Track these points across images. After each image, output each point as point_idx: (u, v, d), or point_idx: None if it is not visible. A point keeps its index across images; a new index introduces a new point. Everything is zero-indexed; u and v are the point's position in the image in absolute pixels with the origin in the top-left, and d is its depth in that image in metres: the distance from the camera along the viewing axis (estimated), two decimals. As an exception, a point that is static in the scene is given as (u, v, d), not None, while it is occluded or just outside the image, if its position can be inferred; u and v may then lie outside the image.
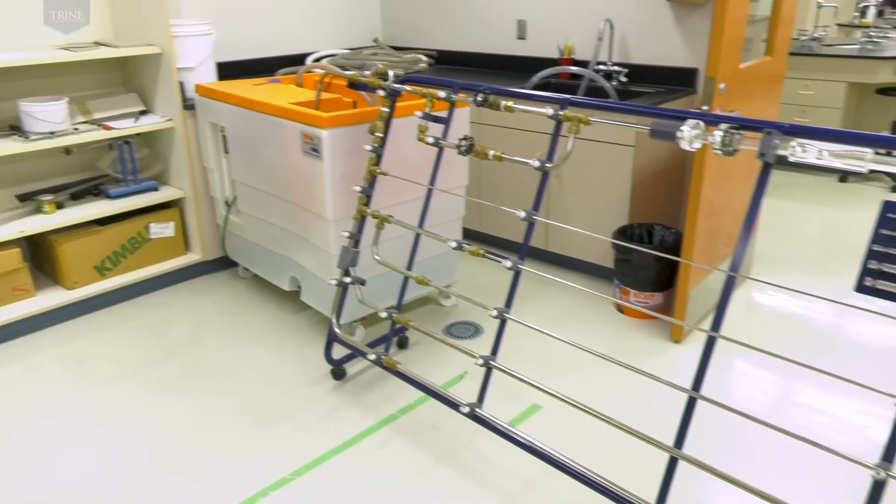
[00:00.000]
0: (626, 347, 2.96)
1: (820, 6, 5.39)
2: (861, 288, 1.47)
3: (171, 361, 2.88)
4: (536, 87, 3.59)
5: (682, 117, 1.72)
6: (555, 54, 3.92)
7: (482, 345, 2.96)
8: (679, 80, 3.45)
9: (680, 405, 2.49)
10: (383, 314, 2.41)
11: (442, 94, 2.30)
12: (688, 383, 1.79)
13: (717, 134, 1.64)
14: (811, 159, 1.52)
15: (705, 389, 2.61)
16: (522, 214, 2.05)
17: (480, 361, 2.12)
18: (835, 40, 5.60)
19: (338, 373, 2.73)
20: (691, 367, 2.78)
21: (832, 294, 3.41)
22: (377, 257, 2.49)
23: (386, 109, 2.46)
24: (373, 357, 2.45)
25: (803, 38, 5.41)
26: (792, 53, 5.07)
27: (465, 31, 4.35)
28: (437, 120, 2.35)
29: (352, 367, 2.80)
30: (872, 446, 2.31)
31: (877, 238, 1.44)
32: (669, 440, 1.81)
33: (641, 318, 3.20)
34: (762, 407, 2.54)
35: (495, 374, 2.10)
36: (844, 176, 5.13)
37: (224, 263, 3.73)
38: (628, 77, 3.64)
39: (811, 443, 1.47)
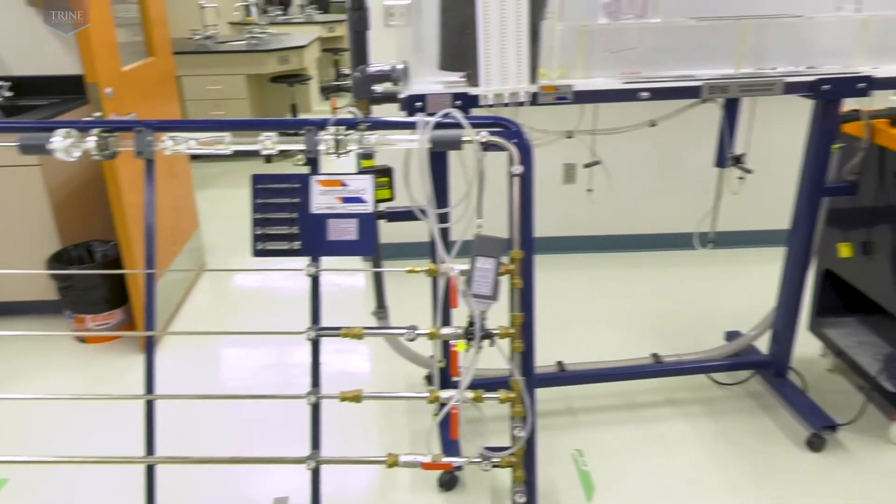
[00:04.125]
0: (97, 376, 2.76)
1: (202, 7, 5.79)
2: (257, 253, 1.68)
3: None
4: None
5: (50, 128, 1.64)
6: None
7: None
8: (71, 89, 3.26)
9: (169, 411, 2.47)
10: None
11: None
12: (162, 388, 1.77)
13: (91, 140, 1.63)
14: (184, 150, 1.65)
15: (192, 385, 2.66)
16: None
17: None
18: (228, 37, 6.12)
19: None
20: (169, 370, 2.78)
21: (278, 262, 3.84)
22: None
23: None
24: None
25: (197, 37, 5.75)
26: (190, 52, 5.34)
27: None
28: None
29: None
30: (333, 378, 2.73)
31: (255, 207, 1.67)
32: (163, 450, 1.77)
33: (107, 340, 3.02)
34: (242, 382, 2.72)
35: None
36: (268, 157, 5.75)
37: None
38: (14, 91, 3.26)
39: (253, 397, 1.65)
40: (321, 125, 1.65)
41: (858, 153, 2.22)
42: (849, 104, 2.14)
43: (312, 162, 1.67)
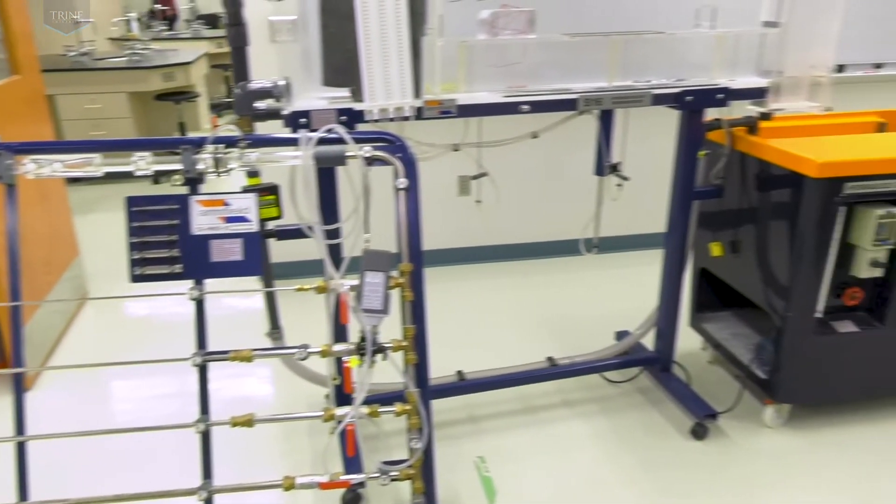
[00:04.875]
0: (-37, 421, 2.54)
1: (77, 22, 5.50)
2: (135, 278, 1.61)
3: None
4: None
5: None
6: None
7: None
8: (-75, 109, 3.00)
9: (51, 452, 2.31)
10: None
11: None
12: (45, 426, 1.65)
13: (-59, 165, 1.51)
14: (48, 173, 1.56)
15: (78, 422, 2.49)
16: None
17: None
18: (107, 54, 5.82)
19: None
20: (52, 407, 2.59)
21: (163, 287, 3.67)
22: None
23: None
24: None
25: (72, 53, 5.44)
26: (65, 70, 5.05)
27: None
28: None
29: None
30: (233, 403, 2.64)
31: (131, 231, 1.59)
32: (43, 494, 1.64)
33: (-24, 381, 2.79)
34: (133, 415, 2.59)
35: None
36: (157, 178, 5.50)
37: None
38: None
39: (136, 429, 1.57)
40: (199, 144, 1.61)
41: (722, 159, 2.40)
42: (711, 114, 2.31)
43: (192, 182, 1.62)
